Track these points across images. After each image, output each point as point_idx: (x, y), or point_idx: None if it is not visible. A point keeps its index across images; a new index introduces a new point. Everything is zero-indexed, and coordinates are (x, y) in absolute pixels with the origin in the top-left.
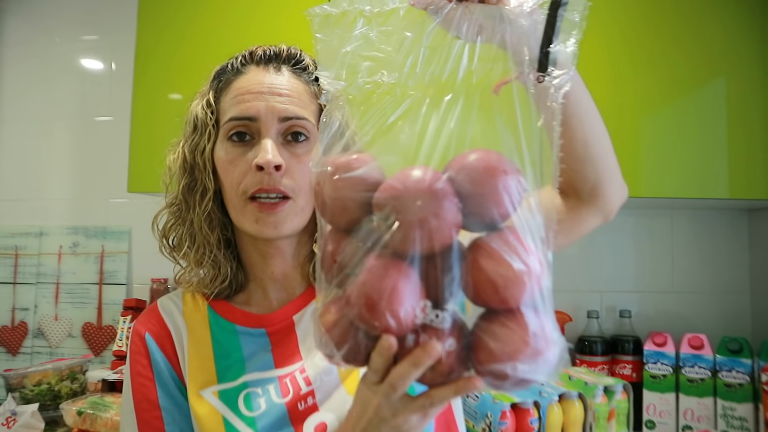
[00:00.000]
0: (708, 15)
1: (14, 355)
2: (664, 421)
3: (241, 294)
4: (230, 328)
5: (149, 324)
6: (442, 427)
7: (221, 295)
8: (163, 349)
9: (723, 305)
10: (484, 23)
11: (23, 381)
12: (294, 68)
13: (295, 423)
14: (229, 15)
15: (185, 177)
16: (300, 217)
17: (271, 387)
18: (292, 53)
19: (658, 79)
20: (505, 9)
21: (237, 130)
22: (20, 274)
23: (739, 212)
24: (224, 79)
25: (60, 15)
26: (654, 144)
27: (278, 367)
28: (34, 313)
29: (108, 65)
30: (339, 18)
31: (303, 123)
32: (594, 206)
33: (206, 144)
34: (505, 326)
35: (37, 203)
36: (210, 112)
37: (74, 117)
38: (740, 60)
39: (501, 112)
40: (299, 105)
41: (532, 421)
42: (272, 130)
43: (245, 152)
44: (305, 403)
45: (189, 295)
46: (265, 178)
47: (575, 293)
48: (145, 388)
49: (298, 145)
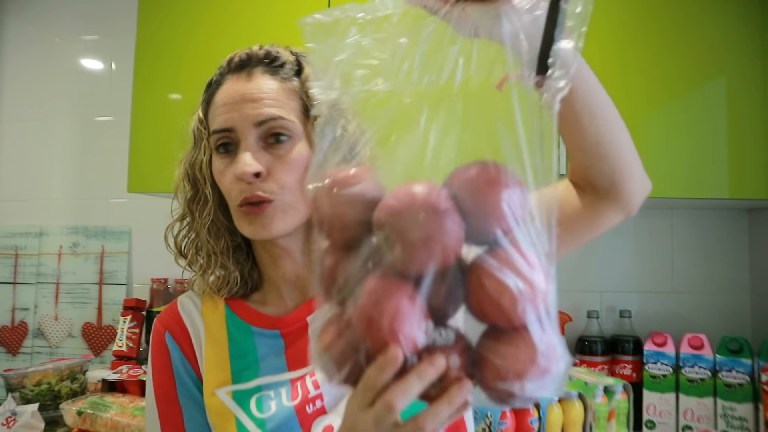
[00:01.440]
0: (708, 15)
1: (14, 355)
2: (664, 421)
3: (257, 293)
4: (246, 328)
5: (169, 322)
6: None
7: (237, 294)
8: (181, 348)
9: (723, 305)
10: (482, 22)
11: (23, 381)
12: (268, 67)
13: (303, 425)
14: (229, 15)
15: (189, 190)
16: (291, 215)
17: (283, 390)
18: (264, 53)
19: (658, 79)
20: (503, 7)
21: (221, 142)
22: (20, 274)
23: (739, 212)
24: (209, 92)
25: (60, 15)
26: (654, 144)
27: (291, 369)
28: (34, 313)
29: (108, 65)
30: (331, 26)
31: (281, 123)
32: (613, 202)
33: (202, 157)
34: (512, 345)
35: (37, 203)
36: (202, 126)
37: (74, 117)
38: (740, 60)
39: (500, 115)
40: (274, 105)
41: (532, 421)
42: (250, 137)
43: (231, 163)
44: (313, 405)
45: (207, 295)
46: (246, 188)
47: (575, 293)
48: (165, 385)
49: (280, 146)
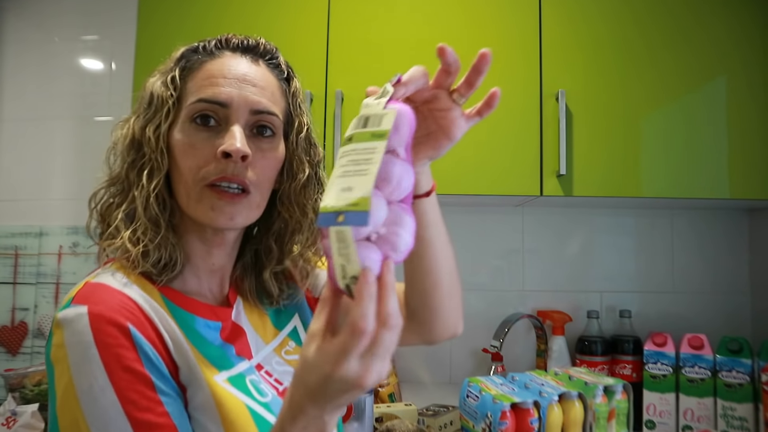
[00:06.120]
0: (708, 15)
1: (14, 355)
2: (664, 421)
3: (176, 281)
4: (189, 318)
5: (126, 312)
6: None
7: (160, 279)
8: (151, 341)
9: (723, 305)
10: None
11: (23, 381)
12: (269, 62)
13: None
14: (229, 15)
15: (131, 154)
16: (254, 212)
17: (257, 376)
18: (268, 48)
19: (658, 79)
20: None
21: (203, 113)
22: (20, 274)
23: (739, 212)
24: (194, 60)
25: (60, 15)
26: (654, 144)
27: (248, 357)
28: (34, 313)
29: (108, 65)
30: None
31: (272, 119)
32: (416, 325)
33: (162, 122)
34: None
35: (37, 203)
36: (173, 89)
37: (74, 117)
38: (741, 60)
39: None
40: (271, 99)
41: (532, 421)
42: (242, 120)
43: (210, 138)
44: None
45: (133, 277)
46: (229, 167)
47: (575, 293)
48: (137, 386)
49: (264, 139)
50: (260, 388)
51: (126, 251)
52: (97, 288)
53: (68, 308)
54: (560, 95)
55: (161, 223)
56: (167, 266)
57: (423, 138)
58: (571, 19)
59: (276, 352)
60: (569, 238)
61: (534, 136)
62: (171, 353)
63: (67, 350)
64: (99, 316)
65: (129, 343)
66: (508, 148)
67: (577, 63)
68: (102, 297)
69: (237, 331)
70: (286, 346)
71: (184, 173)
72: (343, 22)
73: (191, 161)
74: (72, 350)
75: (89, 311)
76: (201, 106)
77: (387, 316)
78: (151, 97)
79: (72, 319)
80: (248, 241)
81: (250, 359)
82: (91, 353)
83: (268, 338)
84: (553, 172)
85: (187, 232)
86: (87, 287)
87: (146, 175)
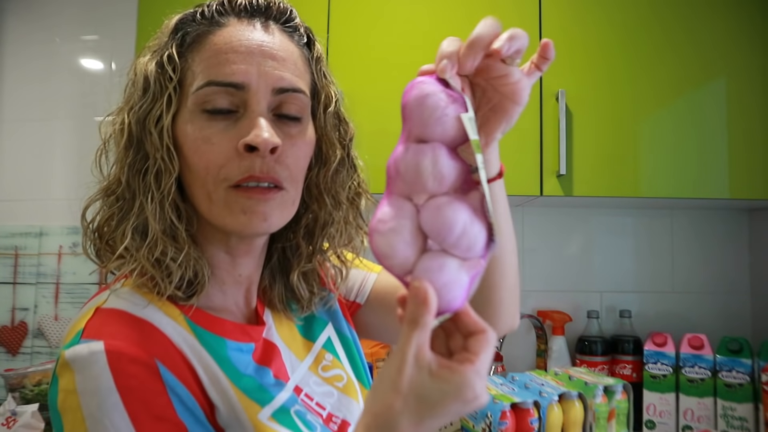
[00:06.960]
0: (709, 15)
1: (14, 355)
2: (664, 421)
3: (195, 297)
4: (220, 343)
5: (151, 346)
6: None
7: (182, 299)
8: (182, 379)
9: (723, 305)
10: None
11: (23, 381)
12: (284, 26)
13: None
14: None
15: (129, 154)
16: (289, 211)
17: (300, 403)
18: (282, 8)
19: (658, 79)
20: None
21: (215, 99)
22: (20, 274)
23: (739, 212)
24: (193, 31)
25: (60, 15)
26: (654, 144)
27: (285, 380)
28: (34, 313)
29: (108, 65)
30: None
31: (299, 97)
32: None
33: (164, 113)
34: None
35: (37, 203)
36: (172, 70)
37: (74, 117)
38: (740, 60)
39: None
40: (295, 73)
41: (532, 421)
42: (263, 103)
43: (227, 128)
44: (334, 423)
45: (151, 296)
46: (256, 163)
47: (575, 293)
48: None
49: (291, 123)
50: (307, 420)
51: (142, 274)
52: (111, 316)
53: (78, 344)
54: (560, 95)
55: (180, 235)
56: (191, 284)
57: (489, 113)
58: (571, 19)
59: (312, 371)
60: (569, 238)
61: (534, 136)
62: (205, 390)
63: (80, 398)
64: (119, 353)
65: (158, 385)
66: (507, 148)
67: (577, 63)
68: (119, 329)
69: (270, 350)
70: (323, 361)
71: (201, 174)
72: (343, 23)
73: (207, 159)
74: (87, 398)
75: (106, 348)
76: (211, 90)
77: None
78: (146, 82)
79: (85, 358)
80: (274, 241)
81: (287, 381)
82: (112, 401)
83: (301, 353)
84: (552, 172)
85: (208, 242)
86: (99, 316)
87: (153, 180)
